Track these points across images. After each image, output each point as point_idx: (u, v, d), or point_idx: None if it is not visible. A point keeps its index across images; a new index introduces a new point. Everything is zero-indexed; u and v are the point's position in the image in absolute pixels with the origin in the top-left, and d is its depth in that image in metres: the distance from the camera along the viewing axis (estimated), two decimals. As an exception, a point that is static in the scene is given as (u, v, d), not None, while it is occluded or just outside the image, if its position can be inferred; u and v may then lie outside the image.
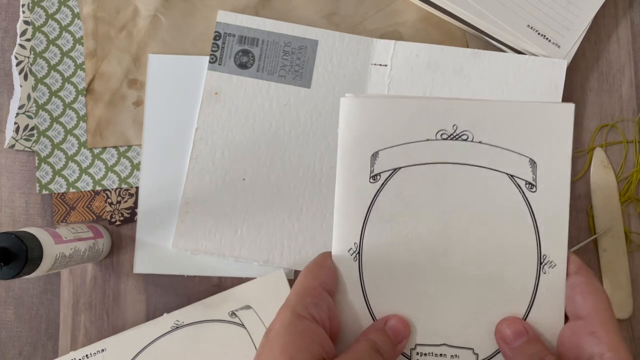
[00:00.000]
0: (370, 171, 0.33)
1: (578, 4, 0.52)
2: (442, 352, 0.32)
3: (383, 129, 0.33)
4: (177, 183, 0.52)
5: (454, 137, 0.32)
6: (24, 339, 0.52)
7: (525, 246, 0.32)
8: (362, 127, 0.33)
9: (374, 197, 0.33)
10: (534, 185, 0.32)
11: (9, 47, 0.54)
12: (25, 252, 0.40)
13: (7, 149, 0.53)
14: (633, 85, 0.54)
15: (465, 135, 0.32)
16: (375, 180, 0.33)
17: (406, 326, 0.32)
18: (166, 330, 0.49)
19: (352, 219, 0.33)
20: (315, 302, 0.30)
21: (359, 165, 0.33)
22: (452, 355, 0.32)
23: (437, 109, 0.33)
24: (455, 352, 0.32)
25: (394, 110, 0.33)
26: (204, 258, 0.51)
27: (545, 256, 0.32)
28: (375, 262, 0.32)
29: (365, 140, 0.33)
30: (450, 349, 0.32)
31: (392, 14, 0.54)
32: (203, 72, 0.52)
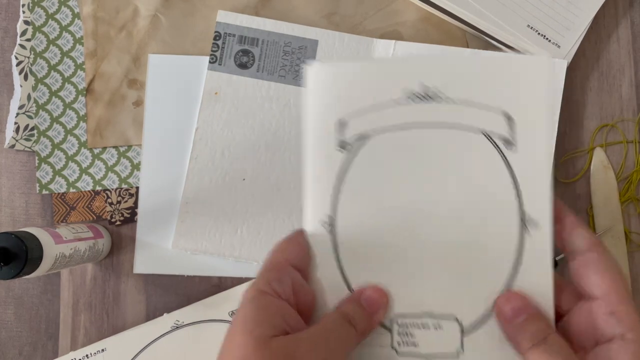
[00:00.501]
0: (338, 139, 0.31)
1: (578, 3, 0.52)
2: (424, 322, 0.31)
3: (349, 95, 0.31)
4: (177, 183, 0.52)
5: (422, 97, 0.31)
6: (24, 339, 0.52)
7: (506, 208, 0.30)
8: (328, 94, 0.31)
9: (344, 166, 0.31)
10: (512, 143, 0.31)
11: (9, 47, 0.54)
12: (25, 252, 0.40)
13: (7, 149, 0.53)
14: (633, 85, 0.54)
15: (433, 93, 0.31)
16: (344, 149, 0.31)
17: (383, 296, 0.31)
18: (166, 330, 0.49)
19: (322, 190, 0.31)
20: (278, 278, 0.29)
21: (326, 134, 0.31)
22: (434, 325, 0.31)
23: (403, 69, 0.31)
24: (438, 322, 0.31)
25: (359, 75, 0.31)
26: (204, 258, 0.51)
27: (527, 216, 0.30)
28: (351, 234, 0.31)
29: (331, 107, 0.31)
30: (432, 319, 0.31)
31: (392, 14, 0.54)
32: (203, 72, 0.52)
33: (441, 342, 0.30)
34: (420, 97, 0.31)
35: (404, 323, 0.31)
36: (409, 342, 0.31)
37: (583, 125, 0.54)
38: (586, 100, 0.54)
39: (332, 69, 0.32)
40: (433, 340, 0.30)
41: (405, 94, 0.31)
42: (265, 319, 0.27)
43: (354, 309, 0.30)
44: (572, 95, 0.54)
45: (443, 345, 0.30)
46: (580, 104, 0.54)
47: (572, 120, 0.54)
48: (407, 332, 0.31)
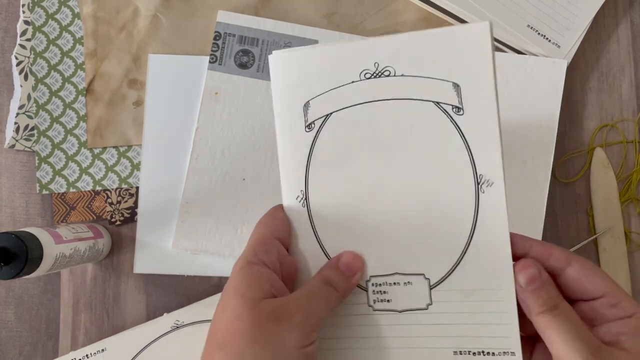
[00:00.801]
0: (304, 121, 0.34)
1: (578, 4, 0.52)
2: (395, 281, 0.34)
3: (311, 79, 0.34)
4: (177, 183, 0.52)
5: (376, 75, 0.33)
6: (24, 338, 0.52)
7: (460, 169, 0.33)
8: (291, 80, 0.34)
9: (311, 145, 0.34)
10: (461, 109, 0.33)
11: (9, 47, 0.54)
12: (25, 252, 0.40)
13: (7, 149, 0.53)
14: (633, 85, 0.54)
15: (387, 71, 0.33)
16: (311, 129, 0.34)
17: (358, 259, 0.34)
18: (166, 330, 0.49)
19: (295, 169, 0.34)
20: (265, 249, 0.32)
21: (294, 117, 0.34)
22: (404, 282, 0.34)
23: (358, 51, 0.34)
24: (407, 279, 0.33)
25: (318, 59, 0.34)
26: (204, 258, 0.51)
27: (481, 176, 0.33)
28: (322, 206, 0.34)
29: (295, 92, 0.34)
30: (402, 276, 0.34)
31: (392, 13, 0.54)
32: (203, 72, 0.52)
33: (412, 298, 0.33)
34: (375, 75, 0.33)
35: (377, 283, 0.34)
36: (383, 299, 0.34)
37: (583, 125, 0.54)
38: (586, 100, 0.54)
39: (292, 56, 0.34)
40: (404, 296, 0.33)
41: (361, 73, 0.34)
42: (254, 284, 0.30)
43: (334, 272, 0.33)
44: (572, 95, 0.54)
45: (414, 300, 0.33)
46: (580, 104, 0.54)
47: (572, 120, 0.54)
48: (381, 291, 0.34)
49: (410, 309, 0.33)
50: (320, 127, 0.34)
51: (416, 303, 0.33)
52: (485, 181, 0.33)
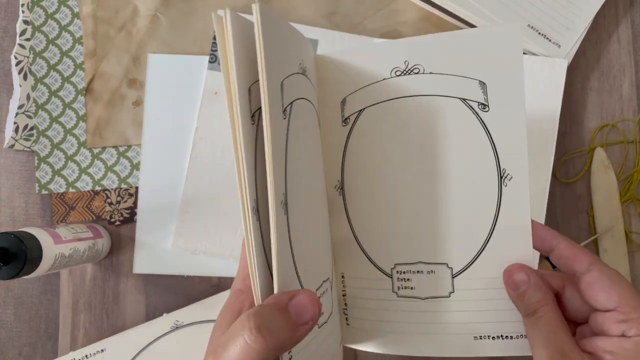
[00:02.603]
0: (342, 116, 0.36)
1: (578, 3, 0.52)
2: (419, 269, 0.35)
3: (347, 77, 0.36)
4: (177, 183, 0.52)
5: (406, 72, 0.35)
6: (23, 339, 0.52)
7: (484, 162, 0.34)
8: (331, 79, 0.36)
9: (347, 138, 0.36)
10: (486, 105, 0.34)
11: (8, 47, 0.54)
12: (24, 252, 0.40)
13: (6, 148, 0.53)
14: (634, 85, 0.54)
15: (416, 68, 0.35)
16: (346, 124, 0.36)
17: (315, 304, 0.27)
18: (166, 331, 0.49)
19: (334, 160, 0.36)
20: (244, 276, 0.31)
21: (334, 114, 0.36)
22: (428, 271, 0.35)
23: (389, 50, 0.35)
24: (431, 268, 0.35)
25: (353, 59, 0.36)
26: (204, 258, 0.51)
27: (504, 170, 0.34)
28: (355, 195, 0.36)
29: (335, 91, 0.36)
30: (425, 265, 0.35)
31: (392, 13, 0.54)
32: (203, 72, 0.52)
33: (435, 285, 0.35)
34: (404, 72, 0.35)
35: (402, 270, 0.35)
36: (407, 287, 0.35)
37: (583, 125, 0.54)
38: (586, 100, 0.54)
39: (334, 57, 0.36)
40: (428, 284, 0.35)
41: (392, 71, 0.35)
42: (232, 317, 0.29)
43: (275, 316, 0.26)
44: (573, 95, 0.54)
45: (437, 287, 0.35)
46: (581, 103, 0.54)
47: (573, 120, 0.54)
48: (405, 278, 0.35)
49: (433, 296, 0.35)
50: (354, 121, 0.36)
51: (439, 291, 0.35)
52: (508, 175, 0.34)
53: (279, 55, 0.29)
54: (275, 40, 0.29)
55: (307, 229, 0.32)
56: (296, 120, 0.31)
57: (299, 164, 0.31)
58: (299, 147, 0.31)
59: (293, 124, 0.31)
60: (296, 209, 0.30)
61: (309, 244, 0.32)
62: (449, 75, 0.34)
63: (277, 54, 0.29)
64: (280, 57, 0.29)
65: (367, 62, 0.35)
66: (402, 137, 0.35)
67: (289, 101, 0.31)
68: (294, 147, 0.30)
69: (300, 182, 0.31)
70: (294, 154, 0.30)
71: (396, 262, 0.35)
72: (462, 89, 0.34)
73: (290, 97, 0.31)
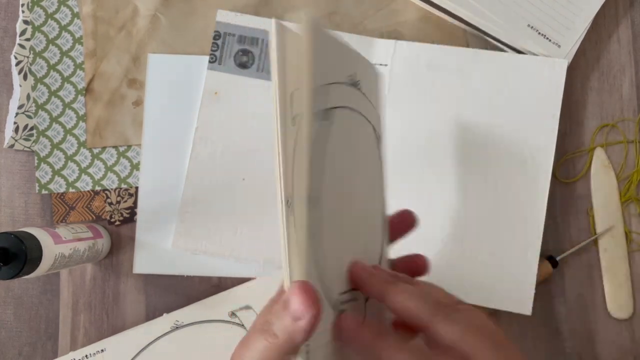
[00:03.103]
0: (290, 113, 0.30)
1: (578, 3, 0.52)
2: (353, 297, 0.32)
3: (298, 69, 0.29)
4: (177, 183, 0.52)
5: (354, 84, 0.34)
6: (23, 339, 0.52)
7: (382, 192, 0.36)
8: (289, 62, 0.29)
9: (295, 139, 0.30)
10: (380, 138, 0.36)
11: (8, 47, 0.54)
12: (24, 252, 0.40)
13: (6, 148, 0.53)
14: (634, 85, 0.54)
15: (359, 84, 0.34)
16: (293, 124, 0.30)
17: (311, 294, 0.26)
18: (166, 331, 0.49)
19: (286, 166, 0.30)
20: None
21: (284, 107, 0.29)
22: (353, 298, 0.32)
23: (347, 54, 0.34)
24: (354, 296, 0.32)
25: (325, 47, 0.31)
26: (204, 258, 0.51)
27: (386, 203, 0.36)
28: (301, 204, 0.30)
29: (290, 76, 0.29)
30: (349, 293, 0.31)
31: (393, 13, 0.54)
32: (203, 72, 0.52)
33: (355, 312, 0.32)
34: (352, 84, 0.34)
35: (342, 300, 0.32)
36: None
37: (583, 125, 0.54)
38: (586, 100, 0.54)
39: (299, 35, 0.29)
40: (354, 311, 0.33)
41: (347, 77, 0.34)
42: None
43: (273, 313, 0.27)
44: (573, 95, 0.54)
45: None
46: (581, 104, 0.54)
47: (573, 120, 0.54)
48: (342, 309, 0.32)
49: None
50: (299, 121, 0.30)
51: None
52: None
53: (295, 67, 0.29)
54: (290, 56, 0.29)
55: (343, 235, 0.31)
56: (333, 127, 0.30)
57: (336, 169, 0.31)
58: (336, 154, 0.30)
59: (327, 130, 0.30)
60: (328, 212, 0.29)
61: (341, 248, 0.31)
62: (369, 101, 0.35)
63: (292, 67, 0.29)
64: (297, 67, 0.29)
65: (333, 58, 0.32)
66: (347, 152, 0.32)
67: (324, 107, 0.30)
68: (327, 152, 0.30)
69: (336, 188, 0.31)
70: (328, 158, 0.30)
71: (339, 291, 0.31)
72: (374, 117, 0.35)
73: (325, 103, 0.30)
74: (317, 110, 0.29)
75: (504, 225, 0.50)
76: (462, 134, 0.51)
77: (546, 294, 0.52)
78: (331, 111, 0.30)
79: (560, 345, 0.52)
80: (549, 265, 0.51)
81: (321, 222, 0.29)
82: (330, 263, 0.30)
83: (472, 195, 0.50)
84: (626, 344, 0.52)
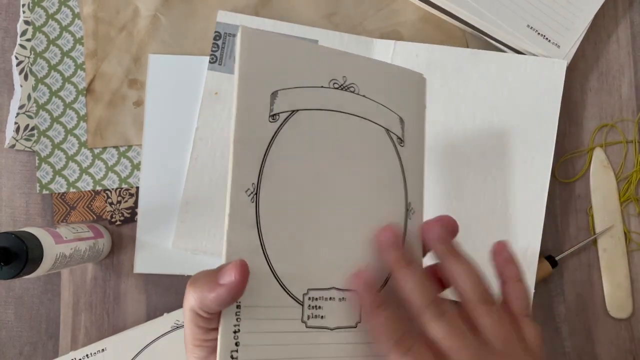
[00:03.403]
0: (270, 110, 0.32)
1: (578, 4, 0.52)
2: (332, 296, 0.32)
3: (282, 69, 0.32)
4: (177, 183, 0.52)
5: (343, 87, 0.34)
6: (24, 338, 0.52)
7: (397, 195, 0.35)
8: (262, 64, 0.32)
9: (272, 137, 0.32)
10: (403, 141, 0.35)
11: (9, 47, 0.54)
12: (25, 252, 0.40)
13: (7, 149, 0.53)
14: (633, 86, 0.54)
15: (352, 87, 0.34)
16: (275, 120, 0.32)
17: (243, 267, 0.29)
18: (166, 330, 0.50)
19: (251, 159, 0.31)
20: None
21: (259, 104, 0.32)
22: (339, 298, 0.33)
23: (331, 58, 0.34)
24: (342, 295, 0.33)
25: (292, 52, 0.33)
26: (204, 258, 0.51)
27: (410, 204, 0.35)
28: (272, 205, 0.31)
29: (265, 79, 0.32)
30: (338, 292, 0.32)
31: (392, 13, 0.54)
32: (203, 72, 0.52)
33: (344, 315, 0.33)
34: (341, 87, 0.34)
35: (314, 297, 0.32)
36: (317, 315, 0.32)
37: (583, 125, 0.54)
38: (586, 100, 0.54)
39: (268, 39, 0.32)
40: (338, 313, 0.32)
41: (330, 81, 0.34)
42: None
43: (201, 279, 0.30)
44: (572, 95, 0.54)
45: (345, 317, 0.33)
46: (580, 104, 0.54)
47: (572, 120, 0.54)
48: (317, 306, 0.32)
49: (341, 326, 0.32)
50: (284, 120, 0.32)
51: (347, 321, 0.33)
52: (412, 209, 0.35)
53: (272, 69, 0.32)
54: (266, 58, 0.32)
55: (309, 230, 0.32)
56: (299, 128, 0.32)
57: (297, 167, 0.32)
58: (299, 152, 0.32)
59: (292, 130, 0.32)
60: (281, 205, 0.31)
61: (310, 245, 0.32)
62: (378, 104, 0.35)
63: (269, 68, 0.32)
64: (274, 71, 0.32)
65: (306, 63, 0.33)
66: (331, 153, 0.33)
67: (285, 109, 0.32)
68: (288, 151, 0.32)
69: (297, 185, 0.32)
70: (289, 156, 0.32)
71: (309, 287, 0.32)
72: (387, 119, 0.35)
73: (288, 106, 0.32)
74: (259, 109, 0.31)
75: (503, 224, 0.50)
76: (461, 134, 0.51)
77: (545, 294, 0.52)
78: (288, 113, 0.32)
79: (559, 344, 0.52)
80: (548, 265, 0.51)
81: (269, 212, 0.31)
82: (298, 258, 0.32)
83: (472, 195, 0.50)
84: (625, 344, 0.52)
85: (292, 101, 0.32)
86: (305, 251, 0.32)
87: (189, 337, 0.30)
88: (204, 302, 0.29)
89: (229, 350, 0.29)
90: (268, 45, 0.32)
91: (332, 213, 0.33)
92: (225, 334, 0.29)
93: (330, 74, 0.34)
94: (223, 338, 0.29)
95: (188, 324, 0.30)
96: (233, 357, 0.29)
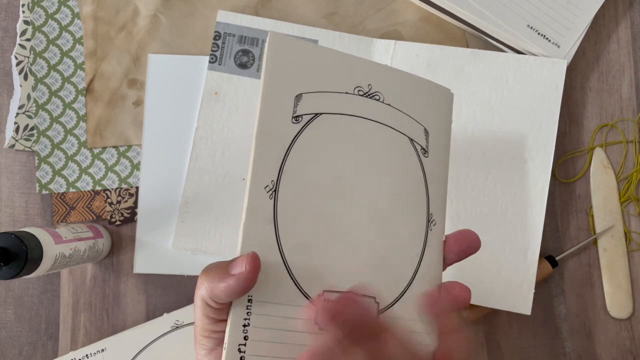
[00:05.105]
0: (293, 111, 0.33)
1: (578, 3, 0.52)
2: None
3: (307, 74, 0.34)
4: (177, 183, 0.52)
5: (368, 95, 0.34)
6: (23, 338, 0.52)
7: (418, 205, 0.34)
8: (288, 68, 0.33)
9: (294, 137, 0.33)
10: (427, 152, 0.35)
11: (8, 47, 0.54)
12: (25, 252, 0.40)
13: (7, 148, 0.53)
14: (633, 85, 0.54)
15: (377, 95, 0.35)
16: (297, 122, 0.33)
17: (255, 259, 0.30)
18: (166, 330, 0.49)
19: (271, 157, 0.32)
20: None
21: (283, 105, 0.33)
22: None
23: (357, 66, 0.35)
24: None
25: (318, 58, 0.34)
26: (204, 258, 0.51)
27: (431, 215, 0.35)
28: (291, 202, 0.32)
29: (290, 82, 0.33)
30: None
31: (392, 13, 0.54)
32: (203, 72, 0.52)
33: None
34: (366, 94, 0.34)
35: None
36: None
37: (583, 125, 0.54)
38: (586, 100, 0.54)
39: (295, 45, 0.34)
40: None
41: (354, 88, 0.34)
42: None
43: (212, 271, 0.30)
44: (572, 95, 0.54)
45: None
46: (580, 104, 0.54)
47: (572, 120, 0.54)
48: None
49: None
50: (307, 122, 0.33)
51: None
52: (433, 220, 0.35)
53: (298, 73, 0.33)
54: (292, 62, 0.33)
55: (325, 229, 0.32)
56: (322, 130, 0.33)
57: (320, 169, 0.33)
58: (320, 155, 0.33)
59: (314, 132, 0.33)
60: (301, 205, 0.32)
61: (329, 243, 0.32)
62: (402, 113, 0.35)
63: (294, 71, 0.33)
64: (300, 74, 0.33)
65: (332, 68, 0.34)
66: (352, 157, 0.33)
67: (309, 112, 0.33)
68: (309, 152, 0.33)
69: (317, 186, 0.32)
70: (310, 157, 0.32)
71: (325, 288, 0.31)
72: (412, 129, 0.35)
73: (311, 108, 0.33)
74: (301, 113, 0.32)
75: (503, 224, 0.50)
76: (461, 134, 0.51)
77: (546, 294, 0.52)
78: (312, 115, 0.33)
79: (559, 344, 0.52)
80: (548, 265, 0.51)
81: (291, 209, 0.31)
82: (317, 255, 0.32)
83: (472, 195, 0.50)
84: (625, 344, 0.52)
85: (315, 104, 0.33)
86: (322, 252, 0.32)
87: (198, 327, 0.30)
88: (214, 292, 0.29)
89: (237, 343, 0.29)
90: (295, 50, 0.33)
91: (350, 217, 0.33)
92: (235, 326, 0.29)
93: (356, 81, 0.34)
94: (232, 330, 0.29)
95: (198, 313, 0.30)
96: (241, 350, 0.29)
